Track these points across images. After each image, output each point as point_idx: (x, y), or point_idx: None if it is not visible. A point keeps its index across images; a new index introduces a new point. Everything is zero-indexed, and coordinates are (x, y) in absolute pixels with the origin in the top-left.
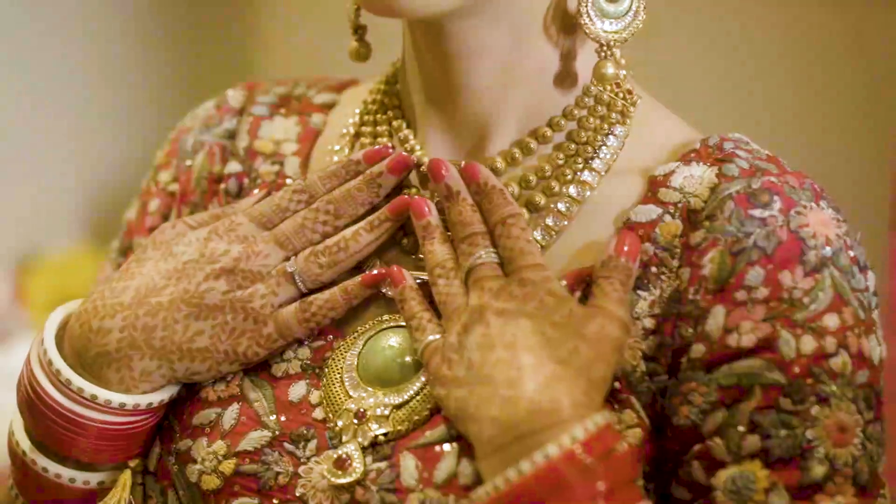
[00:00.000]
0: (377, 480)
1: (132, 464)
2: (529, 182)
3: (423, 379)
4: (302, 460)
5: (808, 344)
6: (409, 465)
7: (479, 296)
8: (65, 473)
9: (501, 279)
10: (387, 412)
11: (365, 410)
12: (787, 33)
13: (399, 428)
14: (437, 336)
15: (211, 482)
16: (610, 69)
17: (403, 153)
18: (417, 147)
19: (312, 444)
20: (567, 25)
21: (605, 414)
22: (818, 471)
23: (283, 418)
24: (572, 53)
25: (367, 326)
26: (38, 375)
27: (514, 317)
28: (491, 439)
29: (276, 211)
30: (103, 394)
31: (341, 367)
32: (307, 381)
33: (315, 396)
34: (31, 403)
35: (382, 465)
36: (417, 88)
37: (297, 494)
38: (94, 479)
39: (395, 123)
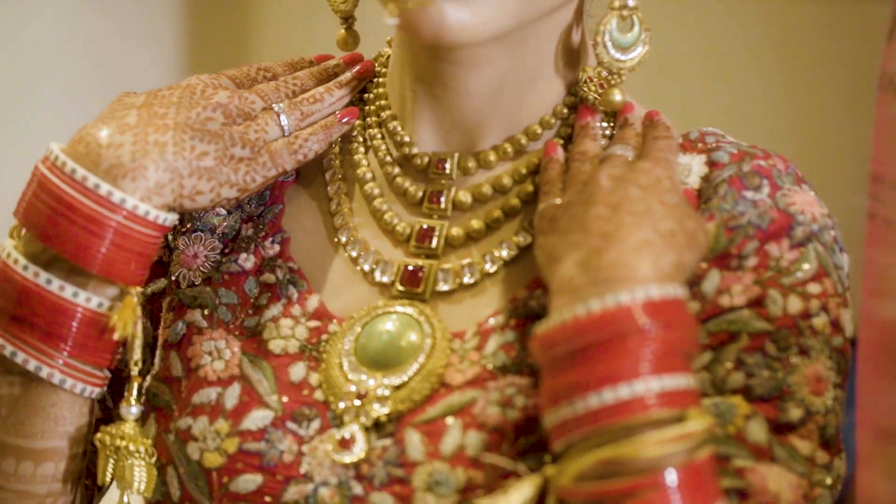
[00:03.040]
0: (383, 457)
1: (133, 290)
2: (522, 174)
3: (420, 360)
4: (305, 439)
5: (795, 304)
6: (413, 439)
7: (599, 168)
8: (69, 287)
9: (627, 161)
10: (387, 393)
11: (366, 392)
12: (768, 24)
13: (400, 407)
14: (556, 201)
15: (213, 460)
16: (618, 97)
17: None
18: (406, 138)
19: (315, 424)
20: (569, 50)
21: (683, 292)
22: (794, 413)
23: (284, 398)
24: (567, 72)
25: (362, 312)
26: (52, 179)
27: (625, 183)
28: (570, 279)
29: (247, 79)
30: (118, 193)
31: (339, 352)
32: (306, 362)
33: (315, 379)
34: (44, 208)
35: (387, 441)
36: (407, 83)
37: (302, 472)
38: (95, 298)
39: (383, 115)
